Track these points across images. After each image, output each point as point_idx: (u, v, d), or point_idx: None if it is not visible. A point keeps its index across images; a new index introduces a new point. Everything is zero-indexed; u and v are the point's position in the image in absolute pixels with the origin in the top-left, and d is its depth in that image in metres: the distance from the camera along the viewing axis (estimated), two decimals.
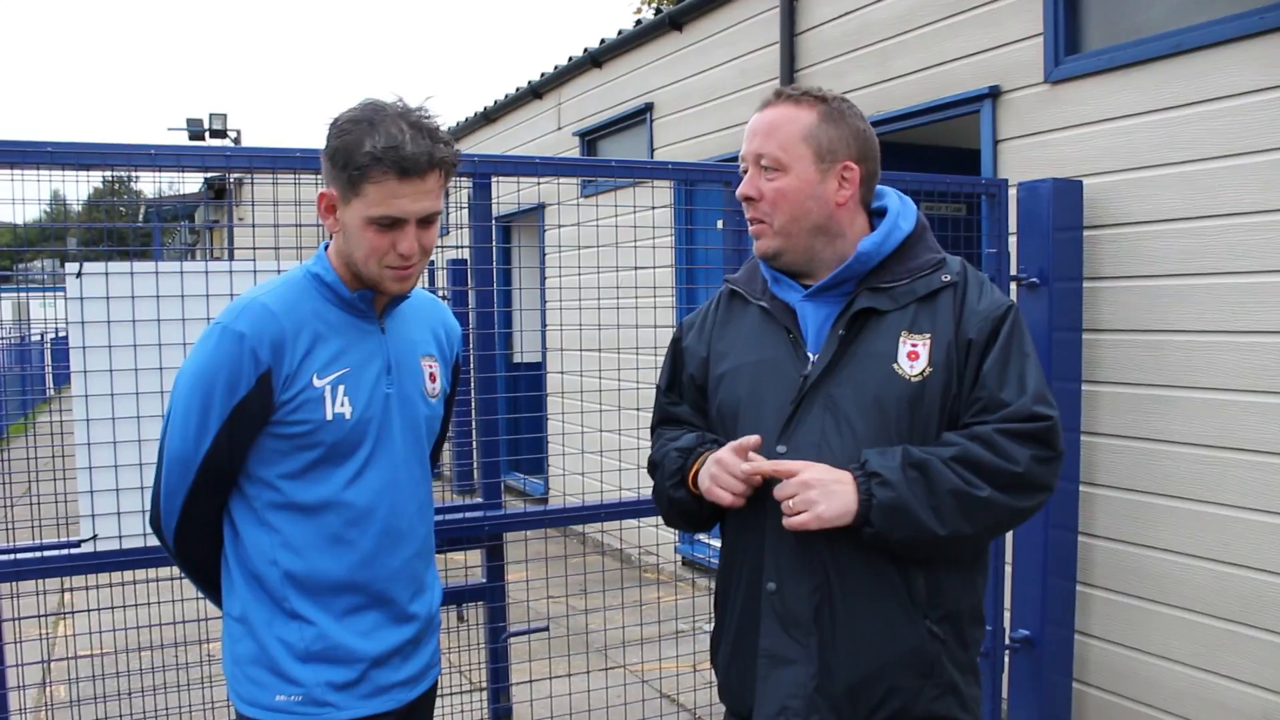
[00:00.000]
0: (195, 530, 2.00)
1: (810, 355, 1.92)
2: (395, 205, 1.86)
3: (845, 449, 1.85)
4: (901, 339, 1.87)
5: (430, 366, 2.15)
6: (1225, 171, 3.69)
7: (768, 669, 1.90)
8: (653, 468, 2.12)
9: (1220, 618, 3.74)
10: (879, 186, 2.03)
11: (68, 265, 2.77)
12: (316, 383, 1.93)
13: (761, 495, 1.87)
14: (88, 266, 2.74)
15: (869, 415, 1.85)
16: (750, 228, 1.97)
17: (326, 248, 2.03)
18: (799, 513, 1.79)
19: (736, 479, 1.85)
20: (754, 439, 1.85)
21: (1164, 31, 3.91)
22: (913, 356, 1.86)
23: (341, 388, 1.95)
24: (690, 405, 2.12)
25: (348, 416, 1.95)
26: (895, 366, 1.86)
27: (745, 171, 1.97)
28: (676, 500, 2.03)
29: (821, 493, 1.78)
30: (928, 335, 1.87)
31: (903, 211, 1.98)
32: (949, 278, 1.91)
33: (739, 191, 1.96)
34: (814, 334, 1.93)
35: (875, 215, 2.00)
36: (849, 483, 1.79)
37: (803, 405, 1.89)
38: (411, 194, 1.86)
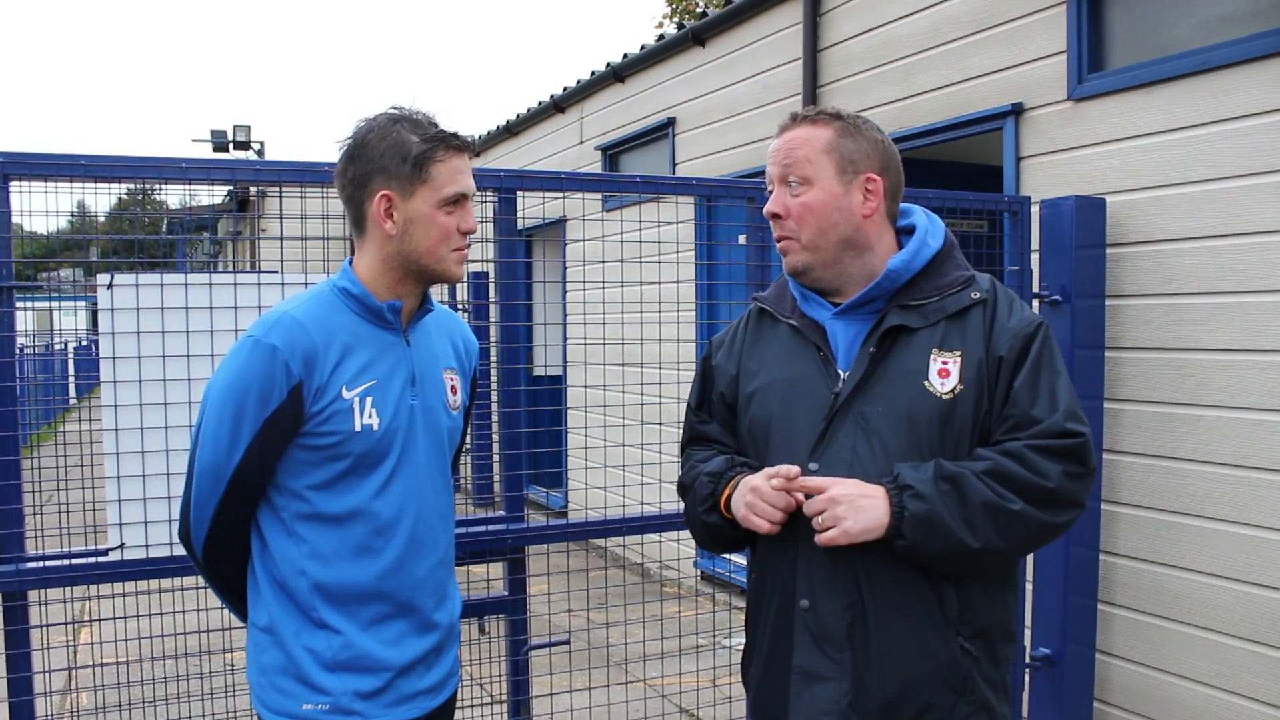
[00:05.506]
0: (224, 541, 2.02)
1: (841, 372, 1.92)
2: (461, 181, 2.00)
3: (877, 466, 1.85)
4: (932, 356, 1.87)
5: (451, 379, 2.17)
6: (1248, 190, 3.68)
7: (801, 686, 1.91)
8: (683, 490, 2.13)
9: (1243, 638, 3.71)
10: (905, 205, 2.04)
11: (99, 276, 2.81)
12: (345, 394, 1.95)
13: (794, 514, 1.88)
14: (118, 278, 2.78)
15: (900, 432, 1.86)
16: (778, 245, 1.99)
17: (351, 262, 2.06)
18: (828, 528, 1.81)
19: (774, 507, 1.86)
20: (795, 469, 1.85)
21: (1187, 50, 3.91)
22: (943, 374, 1.86)
23: (369, 399, 1.97)
24: (720, 423, 2.12)
25: (375, 428, 1.97)
26: (926, 384, 1.86)
27: (771, 192, 1.98)
28: (709, 525, 2.04)
29: (849, 508, 1.79)
30: (958, 353, 1.87)
31: (931, 229, 1.99)
32: (979, 295, 1.91)
33: (766, 209, 1.98)
34: (844, 351, 1.94)
35: (903, 233, 2.01)
36: (880, 497, 1.80)
37: (834, 422, 1.90)
38: (467, 169, 2.03)
